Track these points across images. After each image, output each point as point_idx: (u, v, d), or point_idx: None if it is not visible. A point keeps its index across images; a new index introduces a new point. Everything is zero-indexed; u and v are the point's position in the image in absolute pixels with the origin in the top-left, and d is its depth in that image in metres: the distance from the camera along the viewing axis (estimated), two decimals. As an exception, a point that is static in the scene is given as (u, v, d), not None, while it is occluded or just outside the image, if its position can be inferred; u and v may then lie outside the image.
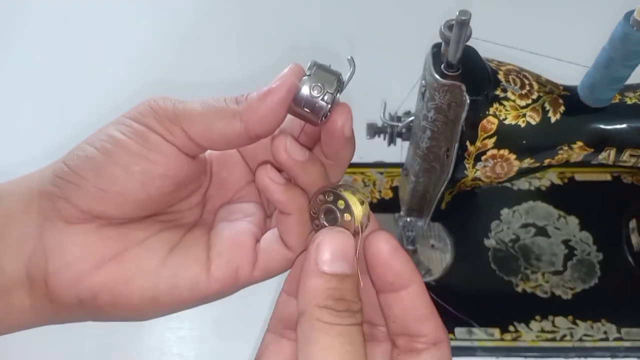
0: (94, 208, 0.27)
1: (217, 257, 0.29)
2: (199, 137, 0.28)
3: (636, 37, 0.32)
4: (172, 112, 0.27)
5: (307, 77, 0.28)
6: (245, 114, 0.27)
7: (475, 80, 0.35)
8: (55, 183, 0.27)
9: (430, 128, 0.39)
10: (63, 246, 0.27)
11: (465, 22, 0.31)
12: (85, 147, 0.28)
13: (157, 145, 0.27)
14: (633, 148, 0.38)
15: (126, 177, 0.27)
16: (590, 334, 0.52)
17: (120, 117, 0.28)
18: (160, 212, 0.30)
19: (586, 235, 0.57)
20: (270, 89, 0.27)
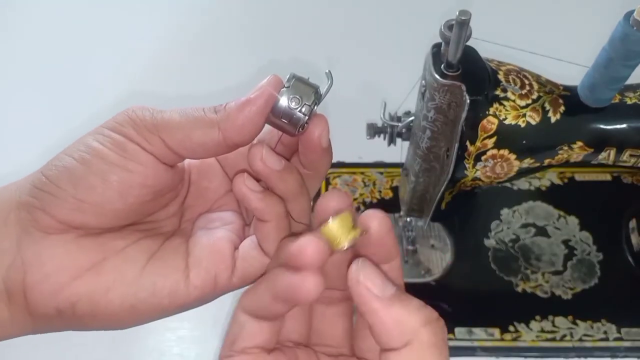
0: (72, 218, 0.27)
1: (196, 264, 0.29)
2: (177, 146, 0.28)
3: (636, 37, 0.32)
4: (151, 122, 0.28)
5: (285, 88, 0.28)
6: (224, 123, 0.27)
7: (475, 80, 0.35)
8: (33, 194, 0.27)
9: (430, 128, 0.39)
10: (41, 258, 0.27)
11: (465, 22, 0.31)
12: (63, 157, 0.28)
13: (135, 155, 0.27)
14: (633, 148, 0.38)
15: (104, 187, 0.27)
16: (590, 334, 0.52)
17: (98, 127, 0.29)
18: (138, 221, 0.30)
19: (586, 235, 0.57)
20: (249, 99, 0.28)
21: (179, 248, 0.30)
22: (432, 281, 0.54)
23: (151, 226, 0.31)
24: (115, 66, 0.71)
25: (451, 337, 0.52)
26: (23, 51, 0.73)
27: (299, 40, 0.73)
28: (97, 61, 0.72)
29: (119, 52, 0.73)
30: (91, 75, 0.71)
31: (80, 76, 0.70)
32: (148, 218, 0.31)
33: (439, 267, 0.55)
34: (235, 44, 0.73)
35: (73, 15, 0.76)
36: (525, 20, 0.73)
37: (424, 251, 0.56)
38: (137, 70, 0.71)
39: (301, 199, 0.30)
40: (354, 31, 0.74)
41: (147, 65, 0.71)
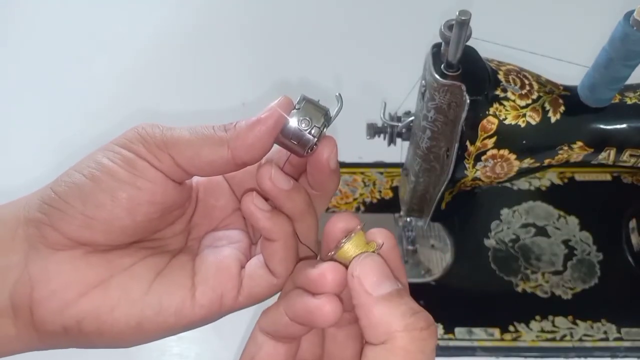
0: (80, 235, 0.27)
1: (202, 283, 0.29)
2: (186, 164, 0.28)
3: (636, 37, 0.32)
4: (160, 139, 0.28)
5: (295, 110, 0.28)
6: (233, 141, 0.28)
7: (475, 80, 0.35)
8: (42, 210, 0.27)
9: (430, 128, 0.39)
10: (48, 274, 0.27)
11: (465, 22, 0.31)
12: (72, 173, 0.28)
13: (144, 172, 0.28)
14: (633, 148, 0.38)
15: (113, 204, 0.27)
16: (590, 334, 0.52)
17: (108, 143, 0.29)
18: (145, 238, 0.30)
19: (586, 235, 0.57)
20: (259, 118, 0.28)
21: (185, 266, 0.30)
22: (432, 281, 0.54)
23: (158, 244, 0.31)
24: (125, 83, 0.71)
25: (451, 337, 0.52)
26: (22, 56, 0.73)
27: (299, 40, 0.73)
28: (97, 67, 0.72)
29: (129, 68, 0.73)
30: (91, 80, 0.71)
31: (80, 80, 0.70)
32: (155, 236, 0.31)
33: (439, 267, 0.55)
34: (233, 42, 0.73)
35: (73, 19, 0.76)
36: (525, 20, 0.73)
37: (424, 251, 0.56)
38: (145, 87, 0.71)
39: (309, 219, 0.30)
40: (354, 31, 0.74)
41: (153, 84, 0.71)
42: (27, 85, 0.70)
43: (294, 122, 0.28)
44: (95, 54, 0.72)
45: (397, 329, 0.24)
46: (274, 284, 0.30)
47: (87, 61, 0.72)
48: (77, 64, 0.71)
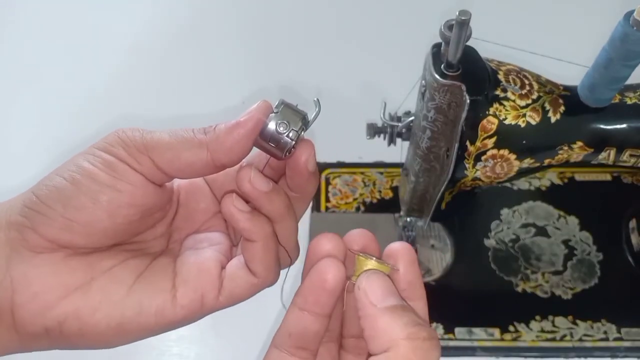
0: (61, 237, 0.28)
1: (183, 284, 0.30)
2: (166, 166, 0.28)
3: (636, 37, 0.32)
4: (140, 142, 0.28)
5: (274, 114, 0.29)
6: (212, 144, 0.28)
7: (475, 80, 0.35)
8: (23, 213, 0.28)
9: (430, 128, 0.39)
10: (30, 277, 0.27)
11: (465, 22, 0.31)
12: (54, 177, 0.28)
13: (124, 175, 0.28)
14: (633, 148, 0.38)
15: (93, 207, 0.27)
16: (590, 334, 0.52)
17: (89, 147, 0.29)
18: (126, 241, 0.31)
19: (586, 235, 0.57)
20: (238, 122, 0.29)
21: (166, 268, 0.31)
22: (432, 281, 0.54)
23: (139, 246, 0.32)
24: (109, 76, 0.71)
25: (451, 337, 0.52)
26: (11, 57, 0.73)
27: (299, 40, 0.73)
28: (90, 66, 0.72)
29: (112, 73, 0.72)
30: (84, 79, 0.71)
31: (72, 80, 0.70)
32: (136, 238, 0.32)
33: (439, 267, 0.55)
34: (233, 42, 0.73)
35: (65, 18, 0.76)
36: (525, 20, 0.73)
37: (424, 251, 0.56)
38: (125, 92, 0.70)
39: (288, 221, 0.31)
40: (354, 31, 0.74)
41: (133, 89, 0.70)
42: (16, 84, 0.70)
43: (272, 125, 0.29)
44: (90, 54, 0.72)
45: (400, 336, 0.24)
46: (254, 284, 0.31)
47: (82, 61, 0.72)
48: (70, 64, 0.71)
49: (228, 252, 0.33)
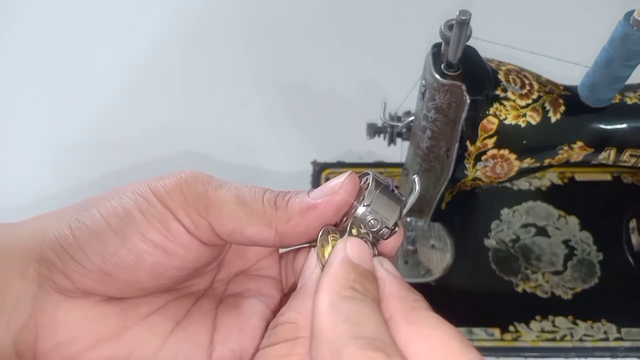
0: (95, 289, 0.25)
1: (221, 343, 0.27)
2: (226, 236, 0.25)
3: (636, 37, 0.32)
4: (203, 203, 0.25)
5: (365, 206, 0.25)
6: (282, 225, 0.25)
7: (476, 80, 0.35)
8: (56, 252, 0.25)
9: (430, 128, 0.39)
10: (56, 324, 0.25)
11: (465, 22, 0.31)
12: (95, 214, 0.25)
13: (178, 236, 0.25)
14: (633, 148, 0.38)
15: (136, 267, 0.24)
16: (590, 334, 0.52)
17: (143, 185, 0.25)
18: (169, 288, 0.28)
19: (586, 235, 0.57)
20: (316, 205, 0.25)
21: (206, 316, 0.28)
22: (432, 281, 0.54)
23: (182, 285, 0.29)
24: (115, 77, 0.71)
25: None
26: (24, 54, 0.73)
27: (299, 40, 0.73)
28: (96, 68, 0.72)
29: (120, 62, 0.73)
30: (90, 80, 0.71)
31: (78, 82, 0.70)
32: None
33: (439, 267, 0.55)
34: (234, 43, 0.73)
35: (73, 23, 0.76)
36: (525, 20, 0.73)
37: (424, 251, 0.56)
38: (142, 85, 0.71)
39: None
40: (354, 31, 0.74)
41: (135, 90, 0.71)
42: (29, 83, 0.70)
43: (361, 216, 0.25)
44: (95, 56, 0.72)
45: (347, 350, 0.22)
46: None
47: (85, 63, 0.72)
48: (76, 66, 0.71)
49: (277, 305, 0.29)
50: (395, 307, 0.22)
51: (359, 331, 0.20)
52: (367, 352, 0.19)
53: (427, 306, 0.23)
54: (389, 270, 0.24)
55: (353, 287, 0.22)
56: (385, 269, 0.24)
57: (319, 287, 0.22)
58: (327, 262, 0.24)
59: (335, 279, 0.22)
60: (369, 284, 0.23)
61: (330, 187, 0.25)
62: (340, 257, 0.23)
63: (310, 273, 0.24)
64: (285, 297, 0.30)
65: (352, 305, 0.21)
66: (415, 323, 0.22)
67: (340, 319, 0.21)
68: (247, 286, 0.30)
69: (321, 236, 0.25)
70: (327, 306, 0.21)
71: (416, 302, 0.23)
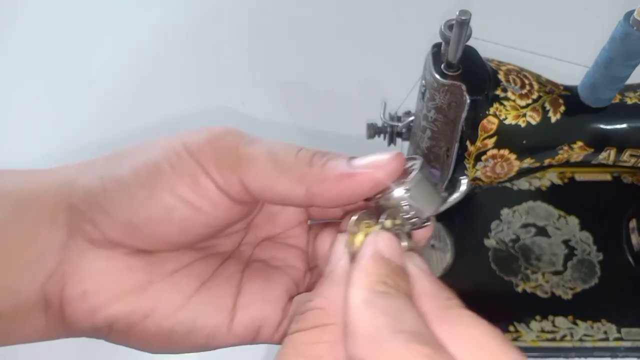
0: (123, 240, 0.25)
1: (243, 308, 0.27)
2: (256, 192, 0.25)
3: (636, 36, 0.32)
4: (234, 159, 0.24)
5: (405, 189, 0.24)
6: (315, 186, 0.24)
7: (476, 80, 0.35)
8: (86, 201, 0.25)
9: (430, 128, 0.39)
10: (83, 272, 0.25)
11: (465, 21, 0.31)
12: (126, 167, 0.25)
13: (207, 192, 0.24)
14: (633, 148, 0.38)
15: (164, 220, 0.24)
16: (590, 334, 0.52)
17: (174, 139, 0.25)
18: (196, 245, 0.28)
19: (586, 235, 0.57)
20: (355, 174, 0.24)
21: (231, 279, 0.27)
22: (432, 281, 0.54)
23: (208, 244, 0.28)
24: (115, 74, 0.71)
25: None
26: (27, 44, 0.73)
27: (299, 40, 0.73)
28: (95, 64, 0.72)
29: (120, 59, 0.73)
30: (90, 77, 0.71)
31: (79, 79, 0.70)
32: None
33: (439, 267, 0.55)
34: (233, 42, 0.73)
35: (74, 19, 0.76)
36: (526, 20, 0.73)
37: (424, 251, 0.56)
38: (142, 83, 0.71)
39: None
40: (354, 31, 0.74)
41: (155, 79, 0.71)
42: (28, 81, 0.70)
43: (396, 200, 0.24)
44: (94, 52, 0.72)
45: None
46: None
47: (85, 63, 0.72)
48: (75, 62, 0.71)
49: (300, 279, 0.29)
50: (427, 306, 0.22)
51: (400, 325, 0.20)
52: (413, 345, 0.19)
53: (461, 304, 0.22)
54: (420, 267, 0.24)
55: (386, 282, 0.22)
56: (415, 265, 0.24)
57: (351, 282, 0.22)
58: (358, 255, 0.23)
59: (367, 273, 0.22)
60: (401, 279, 0.22)
61: (374, 161, 0.24)
62: (370, 251, 0.23)
63: (337, 259, 0.24)
64: (310, 270, 0.30)
65: (387, 300, 0.21)
66: (450, 322, 0.21)
67: (377, 313, 0.20)
68: (273, 253, 0.29)
69: (355, 221, 0.24)
70: (362, 301, 0.21)
71: (449, 300, 0.22)
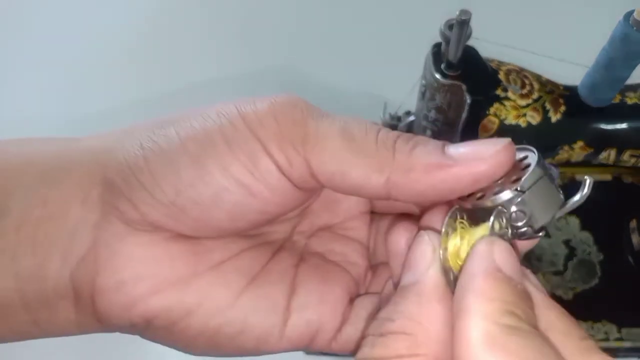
0: (164, 223, 0.21)
1: (299, 310, 0.23)
2: (324, 178, 0.21)
3: (636, 37, 0.32)
4: (301, 136, 0.20)
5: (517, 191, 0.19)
6: (397, 175, 0.20)
7: (476, 80, 0.35)
8: (124, 175, 0.21)
9: (430, 128, 0.39)
10: (119, 259, 0.21)
11: (465, 21, 0.31)
12: (173, 136, 0.21)
13: (266, 175, 0.20)
14: (633, 148, 0.38)
15: (214, 204, 0.21)
16: (590, 334, 0.52)
17: (231, 106, 0.21)
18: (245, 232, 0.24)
19: (587, 236, 0.56)
20: (451, 166, 0.19)
21: (285, 275, 0.24)
22: (433, 281, 0.54)
23: (259, 231, 0.25)
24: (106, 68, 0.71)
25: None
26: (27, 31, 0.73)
27: (299, 40, 0.73)
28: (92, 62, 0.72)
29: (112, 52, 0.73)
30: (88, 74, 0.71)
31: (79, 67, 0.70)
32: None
33: (439, 267, 0.55)
34: (233, 41, 0.73)
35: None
36: (526, 20, 0.73)
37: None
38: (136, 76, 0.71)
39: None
40: (354, 31, 0.74)
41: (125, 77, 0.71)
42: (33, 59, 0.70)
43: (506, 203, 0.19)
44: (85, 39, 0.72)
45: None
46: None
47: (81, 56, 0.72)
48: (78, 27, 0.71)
49: (361, 278, 0.25)
50: (561, 347, 0.17)
51: None
52: None
53: (596, 346, 0.18)
54: (539, 289, 0.19)
55: (513, 312, 0.17)
56: (535, 286, 0.19)
57: (465, 308, 0.17)
58: (466, 269, 0.18)
59: (488, 298, 0.17)
60: (529, 308, 0.18)
61: (477, 150, 0.20)
62: (487, 266, 0.18)
63: (425, 267, 0.19)
64: (372, 268, 0.26)
65: (521, 341, 0.16)
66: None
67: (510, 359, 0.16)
68: (330, 246, 0.26)
69: (449, 218, 0.20)
70: (485, 338, 0.16)
71: (585, 341, 0.18)
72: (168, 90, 0.69)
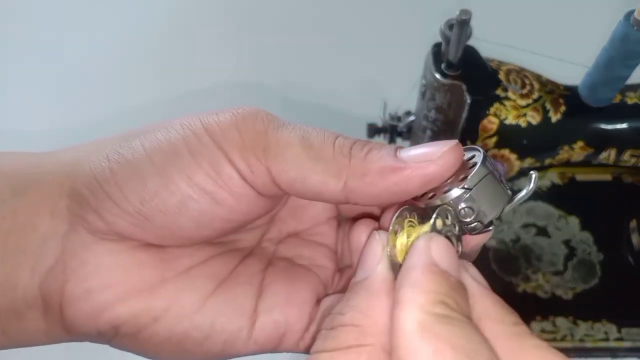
0: (131, 233, 0.22)
1: (266, 312, 0.24)
2: (285, 185, 0.22)
3: (636, 36, 0.32)
4: (262, 145, 0.21)
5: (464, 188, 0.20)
6: (353, 179, 0.21)
7: (476, 80, 0.35)
8: (90, 187, 0.21)
9: (430, 128, 0.39)
10: (86, 268, 0.22)
11: (465, 21, 0.31)
12: (138, 148, 0.22)
13: (230, 183, 0.21)
14: (633, 148, 0.38)
15: (179, 212, 0.21)
16: (590, 334, 0.51)
17: (194, 119, 0.22)
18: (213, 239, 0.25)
19: (587, 236, 0.56)
20: (403, 168, 0.21)
21: (253, 279, 0.24)
22: (433, 281, 0.54)
23: (226, 239, 0.25)
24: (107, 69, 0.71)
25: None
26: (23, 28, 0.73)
27: (299, 40, 0.73)
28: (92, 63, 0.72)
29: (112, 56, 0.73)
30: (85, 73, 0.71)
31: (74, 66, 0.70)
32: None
33: (439, 267, 0.55)
34: (233, 41, 0.73)
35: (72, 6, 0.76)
36: (526, 20, 0.73)
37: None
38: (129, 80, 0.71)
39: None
40: (354, 31, 0.74)
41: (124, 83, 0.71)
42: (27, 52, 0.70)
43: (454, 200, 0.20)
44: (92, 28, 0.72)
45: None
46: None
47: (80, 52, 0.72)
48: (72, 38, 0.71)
49: (329, 280, 0.26)
50: (494, 333, 0.18)
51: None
52: None
53: (529, 331, 0.19)
54: (478, 281, 0.21)
55: (445, 302, 0.18)
56: (473, 279, 0.21)
57: (401, 299, 0.18)
58: (405, 264, 0.20)
59: (423, 290, 0.18)
60: (462, 299, 0.19)
61: (426, 152, 0.21)
62: (424, 261, 0.19)
63: (374, 263, 0.21)
64: (340, 271, 0.27)
65: (451, 328, 0.17)
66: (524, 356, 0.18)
67: (440, 345, 0.17)
68: (299, 251, 0.26)
69: (396, 218, 0.21)
70: (418, 326, 0.17)
71: (517, 326, 0.19)
72: (161, 98, 0.69)
